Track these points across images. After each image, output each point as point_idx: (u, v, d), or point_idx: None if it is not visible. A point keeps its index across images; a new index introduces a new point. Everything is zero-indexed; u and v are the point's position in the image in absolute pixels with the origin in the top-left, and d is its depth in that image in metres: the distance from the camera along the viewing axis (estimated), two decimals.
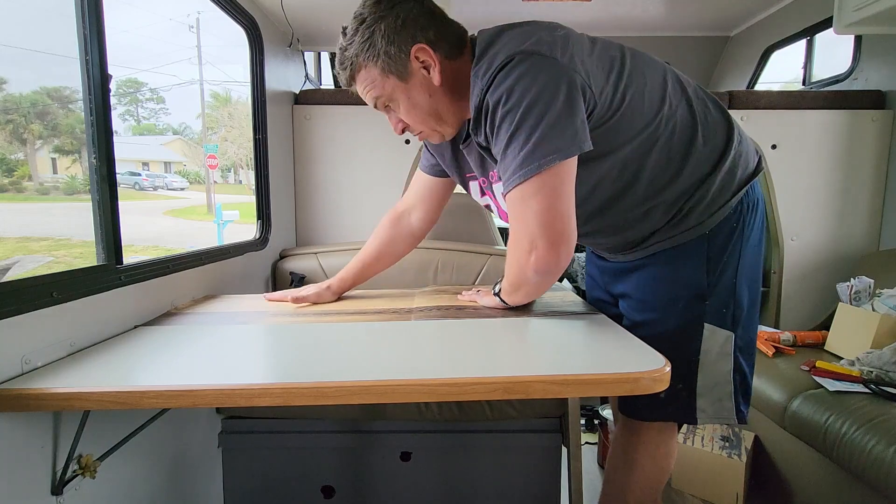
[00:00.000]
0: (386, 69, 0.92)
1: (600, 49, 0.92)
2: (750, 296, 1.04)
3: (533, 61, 0.83)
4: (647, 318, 1.06)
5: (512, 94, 0.83)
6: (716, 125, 0.98)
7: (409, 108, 0.97)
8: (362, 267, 1.31)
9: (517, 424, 1.37)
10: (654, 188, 0.97)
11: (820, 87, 2.35)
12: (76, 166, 16.99)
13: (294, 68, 2.13)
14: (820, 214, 2.11)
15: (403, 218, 1.31)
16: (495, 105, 0.85)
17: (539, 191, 0.83)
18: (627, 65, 0.93)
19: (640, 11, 2.20)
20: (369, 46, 0.91)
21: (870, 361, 1.53)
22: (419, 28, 0.91)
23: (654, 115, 0.93)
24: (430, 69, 0.93)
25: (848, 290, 1.84)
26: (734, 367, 1.03)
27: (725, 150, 0.98)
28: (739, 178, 0.99)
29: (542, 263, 0.86)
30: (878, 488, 1.20)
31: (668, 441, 1.14)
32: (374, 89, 0.95)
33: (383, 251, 1.31)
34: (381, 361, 0.85)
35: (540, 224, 0.85)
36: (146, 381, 0.76)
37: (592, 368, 0.76)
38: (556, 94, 0.82)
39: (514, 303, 1.09)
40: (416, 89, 0.94)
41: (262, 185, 1.82)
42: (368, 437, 1.38)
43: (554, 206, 0.84)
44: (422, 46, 0.91)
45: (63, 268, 1.04)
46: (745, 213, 1.00)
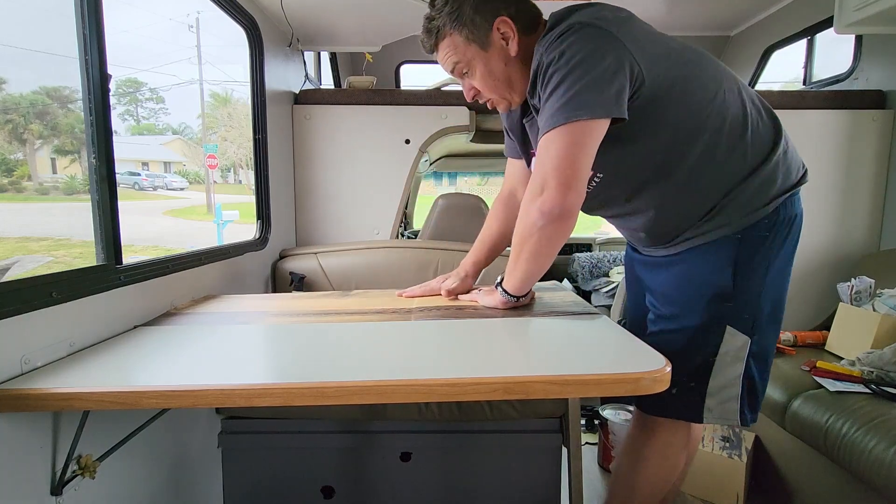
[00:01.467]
0: (470, 37, 1.02)
1: (664, 37, 0.99)
2: (772, 306, 1.06)
3: (588, 31, 0.90)
4: (670, 312, 1.08)
5: (563, 55, 0.89)
6: (765, 130, 1.02)
7: (484, 75, 1.05)
8: (490, 247, 1.34)
9: (517, 425, 1.36)
10: (695, 176, 0.99)
11: (820, 86, 2.34)
12: (75, 166, 16.99)
13: (294, 68, 2.13)
14: (820, 214, 2.11)
15: (511, 199, 1.33)
16: (548, 65, 0.92)
17: (562, 139, 0.89)
18: (687, 54, 0.98)
19: (641, 11, 2.18)
20: (458, 16, 1.01)
21: (870, 362, 1.52)
22: (502, 3, 1.01)
23: (705, 104, 0.97)
24: (508, 40, 1.02)
25: (848, 290, 1.84)
26: (744, 372, 1.05)
27: (769, 156, 1.01)
28: (779, 187, 1.02)
29: (549, 203, 0.91)
30: (878, 488, 1.20)
31: (679, 440, 1.15)
32: (455, 55, 1.04)
33: (506, 229, 1.32)
34: (381, 361, 0.84)
35: (554, 167, 0.90)
36: (146, 381, 0.76)
37: (593, 369, 0.76)
38: (601, 60, 0.88)
39: (516, 283, 1.08)
40: (494, 58, 1.03)
41: (261, 185, 1.82)
42: (368, 437, 1.38)
43: (571, 155, 0.89)
44: (504, 19, 1.00)
45: (63, 268, 1.03)
46: (780, 225, 1.02)
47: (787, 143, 1.06)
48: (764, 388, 1.10)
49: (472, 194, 2.27)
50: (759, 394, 1.09)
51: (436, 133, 2.09)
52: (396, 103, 2.09)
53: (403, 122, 2.08)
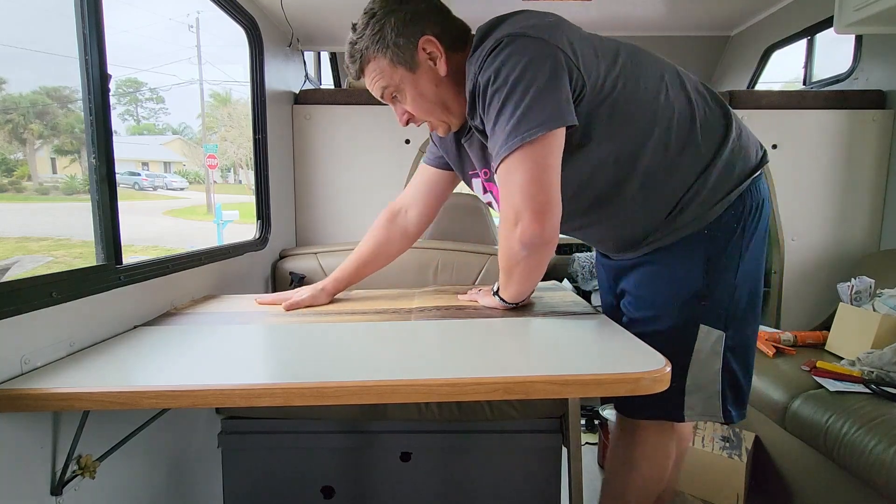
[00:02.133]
0: (395, 60, 0.97)
1: (594, 38, 0.96)
2: (748, 298, 1.03)
3: (520, 42, 0.86)
4: (644, 316, 1.06)
5: (500, 73, 0.86)
6: (713, 118, 0.99)
7: (415, 98, 1.00)
8: (357, 267, 1.31)
9: (517, 425, 1.36)
10: (652, 180, 0.96)
11: (820, 86, 2.34)
12: (76, 166, 16.98)
13: (294, 68, 2.13)
14: (820, 214, 2.11)
15: (399, 216, 1.31)
16: (485, 85, 0.88)
17: (522, 163, 0.85)
18: (622, 53, 0.95)
19: (641, 11, 2.19)
20: (379, 39, 0.96)
21: (870, 362, 1.52)
22: (426, 21, 0.96)
23: (649, 103, 0.94)
24: (436, 60, 0.97)
25: (848, 290, 1.84)
26: (723, 367, 1.03)
27: (723, 144, 0.97)
28: (739, 172, 0.99)
29: (528, 234, 0.88)
30: (878, 489, 1.20)
31: (665, 443, 1.14)
32: (383, 80, 0.99)
33: (379, 251, 1.31)
34: (381, 361, 0.84)
35: (524, 195, 0.86)
36: (146, 381, 0.76)
37: (593, 368, 0.76)
38: (540, 71, 0.84)
39: (511, 297, 1.08)
40: (422, 79, 0.98)
41: (261, 185, 1.82)
42: (368, 437, 1.38)
43: (537, 177, 0.86)
44: (429, 38, 0.95)
45: (62, 268, 1.03)
46: (748, 214, 0.99)
47: (740, 127, 1.01)
48: (748, 383, 1.07)
49: (471, 195, 2.26)
50: (744, 389, 1.06)
51: None
52: None
53: None
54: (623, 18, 2.27)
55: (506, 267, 1.00)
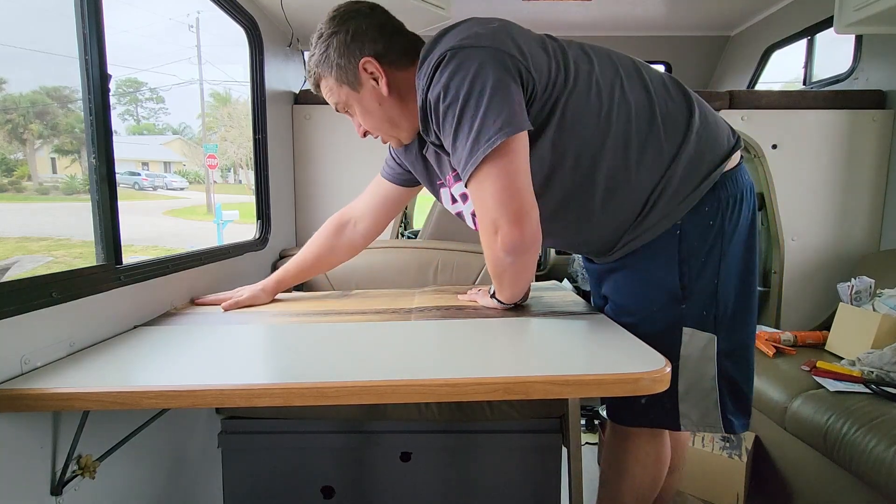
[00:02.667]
0: (340, 79, 0.99)
1: (544, 37, 0.94)
2: (738, 298, 0.99)
3: (464, 54, 0.85)
4: (625, 322, 1.02)
5: (449, 89, 0.85)
6: (675, 108, 0.95)
7: (363, 115, 1.03)
8: (299, 270, 1.32)
9: (517, 425, 1.36)
10: (615, 180, 0.94)
11: (820, 86, 2.34)
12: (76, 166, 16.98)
13: (294, 68, 2.13)
14: (820, 214, 2.11)
15: (348, 228, 1.32)
16: (436, 102, 0.87)
17: (490, 173, 0.85)
18: (573, 48, 0.94)
19: (641, 11, 2.20)
20: (325, 59, 0.99)
21: (870, 362, 1.53)
22: (367, 41, 0.96)
23: (604, 98, 0.92)
24: (378, 80, 0.97)
25: (848, 290, 1.84)
26: (719, 373, 0.99)
27: (686, 134, 0.94)
28: (709, 162, 0.95)
29: (509, 241, 0.87)
30: (878, 489, 1.20)
31: (658, 448, 1.12)
32: (333, 97, 1.04)
33: (322, 259, 1.33)
34: (381, 361, 0.84)
35: (498, 203, 0.86)
36: (146, 381, 0.76)
37: (593, 369, 0.76)
38: (488, 79, 0.83)
39: (506, 299, 1.08)
40: (367, 98, 1.00)
41: (261, 185, 1.82)
42: (368, 437, 1.38)
43: (508, 184, 0.85)
44: (368, 59, 0.96)
45: (62, 268, 1.03)
46: (726, 209, 0.95)
47: (705, 114, 0.97)
48: (750, 389, 1.03)
49: None
50: (746, 396, 1.02)
51: None
52: None
53: None
54: (623, 18, 2.27)
55: (494, 274, 1.00)
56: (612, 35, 2.63)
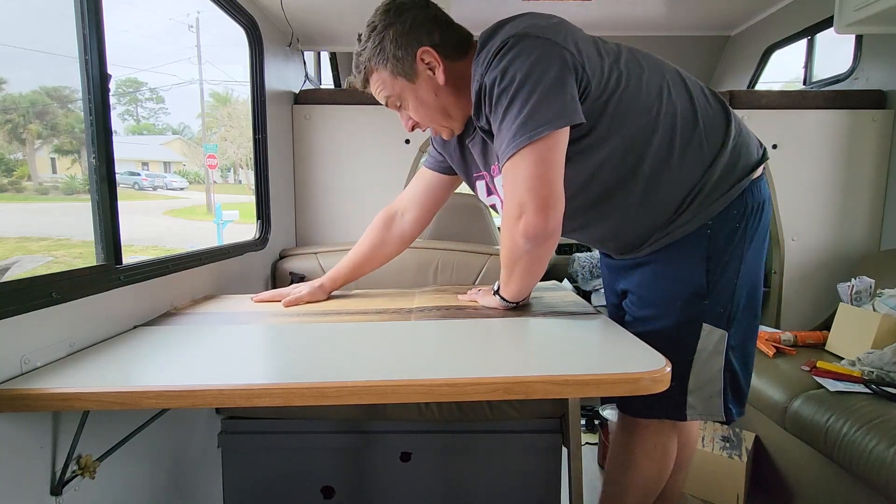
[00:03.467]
0: (395, 71, 0.99)
1: (596, 39, 0.97)
2: (748, 297, 1.04)
3: (526, 42, 0.87)
4: (646, 314, 1.06)
5: (506, 73, 0.86)
6: (715, 115, 1.00)
7: (417, 106, 1.03)
8: (353, 267, 1.33)
9: (517, 425, 1.36)
10: (656, 180, 0.97)
11: (820, 86, 2.34)
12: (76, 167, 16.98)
13: (294, 68, 2.13)
14: (821, 214, 2.11)
15: (396, 219, 1.32)
16: (491, 85, 0.89)
17: (527, 160, 0.86)
18: (623, 52, 0.97)
19: (641, 11, 2.20)
20: (380, 51, 0.99)
21: (871, 362, 1.52)
22: (424, 33, 0.98)
23: (652, 102, 0.94)
24: (434, 70, 0.99)
25: (849, 290, 1.84)
26: (724, 366, 1.04)
27: (724, 142, 0.98)
28: (741, 170, 1.00)
29: (531, 228, 0.88)
30: (878, 489, 1.20)
31: (665, 441, 1.14)
32: (385, 90, 1.03)
33: (375, 253, 1.33)
34: (381, 361, 0.84)
35: (528, 189, 0.87)
36: (146, 381, 0.76)
37: (593, 369, 0.76)
38: (547, 70, 0.85)
39: (512, 295, 1.08)
40: (422, 89, 1.01)
41: (261, 185, 1.82)
42: (368, 437, 1.38)
43: (542, 173, 0.87)
44: (426, 49, 0.97)
45: (62, 268, 1.03)
46: (749, 214, 1.00)
47: (739, 124, 1.03)
48: (748, 381, 1.08)
49: (471, 195, 2.26)
50: (744, 387, 1.07)
51: None
52: None
53: None
54: (623, 18, 2.27)
55: (508, 262, 1.00)
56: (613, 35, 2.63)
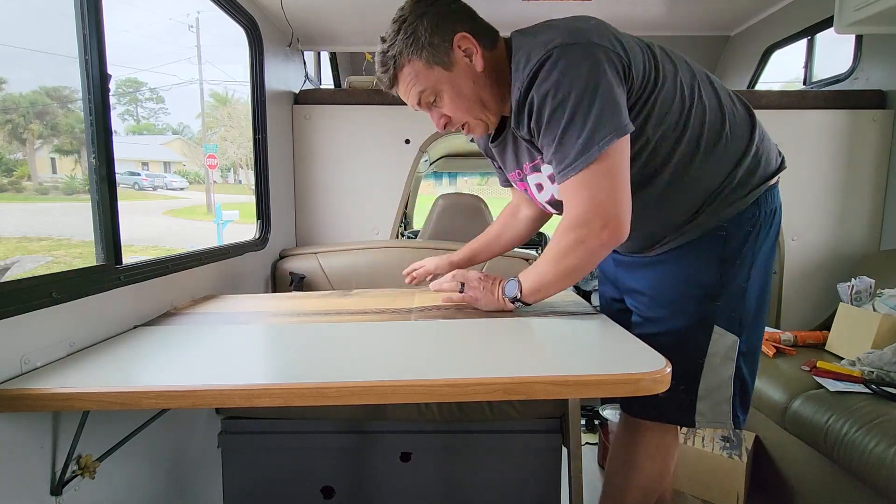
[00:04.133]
0: (431, 60, 0.96)
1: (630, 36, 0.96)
2: (757, 302, 1.04)
3: (573, 52, 0.86)
4: (657, 315, 1.06)
5: (560, 86, 0.85)
6: (741, 120, 1.00)
7: (453, 97, 0.99)
8: (484, 244, 1.36)
9: (517, 425, 1.36)
10: (679, 179, 0.97)
11: (820, 86, 2.34)
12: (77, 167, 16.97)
13: (294, 68, 2.13)
14: (821, 214, 2.11)
15: (517, 211, 1.33)
16: (543, 99, 0.87)
17: (596, 173, 0.86)
18: (656, 49, 0.97)
19: (641, 11, 2.19)
20: (412, 41, 0.95)
21: (871, 362, 1.52)
22: (458, 20, 0.97)
23: (685, 102, 0.95)
24: (472, 56, 0.96)
25: (849, 290, 1.84)
26: (735, 373, 1.03)
27: (748, 147, 0.99)
28: (760, 176, 1.00)
29: (595, 243, 0.89)
30: (878, 489, 1.20)
31: (668, 443, 1.14)
32: (419, 83, 0.98)
33: (505, 236, 1.35)
34: (381, 361, 0.84)
35: (597, 205, 0.87)
36: (146, 381, 0.76)
37: (593, 369, 0.76)
38: (601, 78, 0.85)
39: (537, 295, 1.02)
40: (460, 77, 0.97)
41: (261, 185, 1.82)
42: (368, 437, 1.37)
43: (612, 187, 0.87)
44: (464, 35, 0.95)
45: (62, 268, 1.03)
46: (762, 219, 1.00)
47: (763, 131, 1.04)
48: (753, 387, 1.09)
49: (472, 194, 2.27)
50: (750, 393, 1.08)
51: (436, 133, 2.09)
52: (396, 103, 2.07)
53: (403, 122, 2.08)
54: (623, 18, 2.27)
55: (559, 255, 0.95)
56: None
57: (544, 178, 1.04)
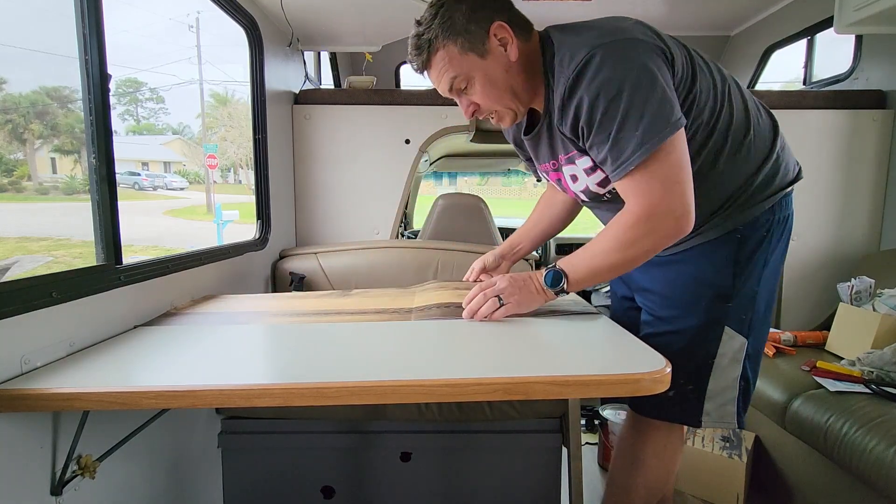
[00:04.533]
0: (466, 46, 0.96)
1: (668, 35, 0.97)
2: (765, 307, 1.05)
3: (621, 48, 0.87)
4: (669, 314, 1.07)
5: (611, 83, 0.85)
6: (765, 127, 1.02)
7: (485, 85, 0.99)
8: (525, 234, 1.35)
9: (517, 425, 1.36)
10: (701, 180, 0.96)
11: (820, 86, 2.34)
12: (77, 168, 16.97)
13: (294, 68, 2.13)
14: (821, 214, 2.11)
15: (554, 198, 1.33)
16: (594, 98, 0.87)
17: (665, 164, 0.87)
18: (693, 52, 0.98)
19: (641, 11, 2.19)
20: (449, 27, 0.95)
21: (870, 362, 1.52)
22: (496, 9, 0.97)
23: (716, 104, 0.95)
24: (507, 46, 0.97)
25: (849, 290, 1.84)
26: (741, 374, 1.05)
27: (769, 154, 1.00)
28: (777, 184, 1.02)
29: (661, 233, 0.89)
30: (878, 489, 1.20)
31: (675, 442, 1.15)
32: (452, 69, 0.98)
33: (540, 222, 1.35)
34: (381, 361, 0.84)
35: (666, 195, 0.88)
36: (146, 381, 0.76)
37: (593, 369, 0.76)
38: (653, 73, 0.85)
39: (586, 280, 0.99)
40: (493, 65, 0.97)
41: (261, 185, 1.82)
42: (368, 437, 1.38)
43: (676, 178, 0.88)
44: (501, 24, 0.95)
45: (63, 268, 1.03)
46: (776, 224, 1.02)
47: (784, 140, 1.06)
48: (754, 388, 1.10)
49: (472, 194, 2.27)
50: (751, 394, 1.09)
51: (436, 133, 2.09)
52: (396, 103, 2.09)
53: (403, 122, 2.08)
54: None
55: (613, 248, 0.94)
56: None
57: (579, 171, 1.04)
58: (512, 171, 4.15)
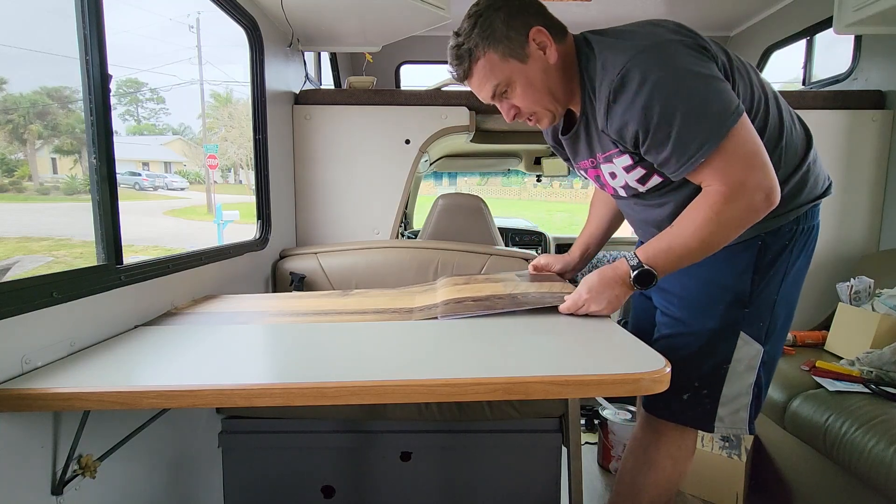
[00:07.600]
0: (507, 53, 0.99)
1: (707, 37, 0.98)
2: (784, 316, 1.05)
3: (664, 50, 0.89)
4: (685, 316, 1.08)
5: (661, 86, 0.87)
6: (797, 139, 1.02)
7: (525, 88, 1.01)
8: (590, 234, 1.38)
9: (517, 424, 1.36)
10: None
11: (820, 87, 2.35)
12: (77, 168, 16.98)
13: (294, 68, 2.13)
14: (820, 214, 2.11)
15: (609, 197, 1.32)
16: (647, 102, 0.88)
17: (737, 147, 0.88)
18: (732, 54, 0.99)
19: (641, 11, 2.19)
20: (489, 34, 0.98)
21: (870, 361, 1.53)
22: (532, 14, 1.00)
23: (751, 108, 0.96)
24: (545, 49, 0.99)
25: (848, 290, 1.84)
26: (755, 381, 1.05)
27: (800, 165, 1.01)
28: (805, 197, 1.02)
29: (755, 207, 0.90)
30: (877, 488, 1.20)
31: (688, 444, 1.15)
32: (494, 76, 1.01)
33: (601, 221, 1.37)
34: (381, 361, 0.85)
35: (754, 173, 0.89)
36: (146, 381, 0.76)
37: (593, 369, 0.76)
38: (700, 70, 0.87)
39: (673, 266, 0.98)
40: (533, 69, 1.00)
41: (262, 185, 1.82)
42: (368, 437, 1.38)
43: (754, 156, 0.89)
44: (539, 28, 0.98)
45: (63, 268, 1.04)
46: (799, 235, 1.02)
47: (816, 154, 1.06)
48: (766, 395, 1.11)
49: (472, 194, 2.26)
50: (763, 401, 1.10)
51: (436, 133, 2.09)
52: (396, 103, 2.09)
53: (403, 122, 2.09)
54: (622, 19, 2.27)
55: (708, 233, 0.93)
56: None
57: (618, 168, 1.05)
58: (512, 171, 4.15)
